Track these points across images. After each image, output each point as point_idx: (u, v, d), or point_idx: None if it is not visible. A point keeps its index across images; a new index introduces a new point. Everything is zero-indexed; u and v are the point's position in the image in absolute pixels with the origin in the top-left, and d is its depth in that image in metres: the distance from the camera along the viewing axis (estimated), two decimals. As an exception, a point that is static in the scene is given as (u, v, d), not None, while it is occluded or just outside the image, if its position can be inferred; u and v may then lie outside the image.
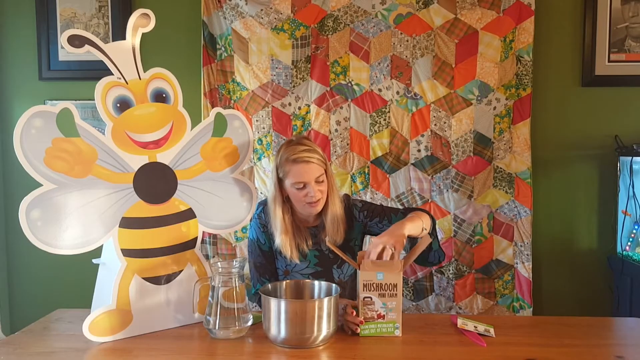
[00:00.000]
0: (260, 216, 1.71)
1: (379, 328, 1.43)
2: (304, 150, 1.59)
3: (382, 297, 1.43)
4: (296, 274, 1.70)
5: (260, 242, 1.71)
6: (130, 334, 1.43)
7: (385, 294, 1.42)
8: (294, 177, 1.58)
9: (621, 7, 2.54)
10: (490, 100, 2.53)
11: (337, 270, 1.73)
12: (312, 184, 1.58)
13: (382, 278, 1.42)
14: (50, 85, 2.69)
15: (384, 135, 2.57)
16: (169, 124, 1.52)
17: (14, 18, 2.70)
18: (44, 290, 2.74)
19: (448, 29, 2.52)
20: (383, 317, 1.43)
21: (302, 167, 1.57)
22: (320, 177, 1.60)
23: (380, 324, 1.43)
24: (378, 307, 1.43)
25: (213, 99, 2.59)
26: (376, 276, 1.42)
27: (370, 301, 1.43)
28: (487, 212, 2.57)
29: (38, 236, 1.32)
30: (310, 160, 1.58)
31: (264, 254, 1.71)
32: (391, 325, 1.43)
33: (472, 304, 2.58)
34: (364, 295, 1.43)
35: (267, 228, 1.69)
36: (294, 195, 1.62)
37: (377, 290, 1.43)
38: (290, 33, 2.55)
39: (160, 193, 1.51)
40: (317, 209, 1.63)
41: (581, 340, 1.40)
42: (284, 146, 1.64)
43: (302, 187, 1.59)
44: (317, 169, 1.59)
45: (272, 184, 1.66)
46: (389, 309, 1.43)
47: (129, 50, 1.45)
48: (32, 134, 1.31)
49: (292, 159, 1.58)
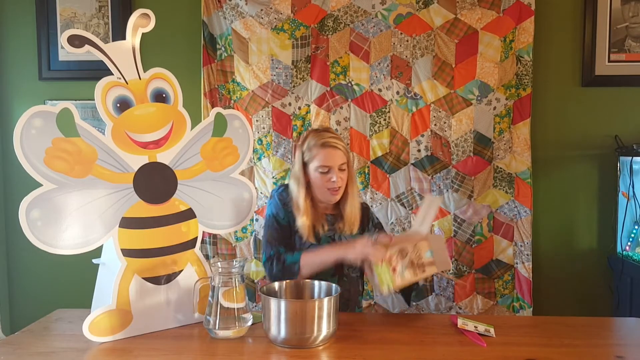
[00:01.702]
0: (281, 195, 1.78)
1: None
2: (331, 137, 1.70)
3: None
4: None
5: (279, 216, 1.76)
6: (130, 334, 1.43)
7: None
8: (320, 161, 1.67)
9: (621, 7, 2.54)
10: (490, 100, 2.53)
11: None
12: (336, 170, 1.67)
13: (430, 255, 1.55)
14: (50, 85, 2.69)
15: (384, 135, 2.57)
16: (169, 124, 1.52)
17: (14, 18, 2.70)
18: (44, 290, 2.74)
19: (448, 29, 2.52)
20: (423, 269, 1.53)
21: (329, 151, 1.67)
22: (343, 165, 1.70)
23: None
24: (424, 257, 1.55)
25: (213, 99, 2.58)
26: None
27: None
28: (487, 212, 2.57)
29: (38, 236, 1.32)
30: (337, 146, 1.69)
31: (281, 227, 1.75)
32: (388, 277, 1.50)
33: (472, 304, 2.58)
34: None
35: (287, 206, 1.75)
36: (316, 180, 1.70)
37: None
38: (290, 33, 2.55)
39: (160, 193, 1.51)
40: (336, 197, 1.72)
41: (581, 340, 1.40)
42: (311, 133, 1.75)
43: (326, 172, 1.68)
44: (342, 156, 1.70)
45: (297, 169, 1.73)
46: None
47: (129, 50, 1.45)
48: (32, 134, 1.31)
49: (320, 143, 1.68)
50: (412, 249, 1.54)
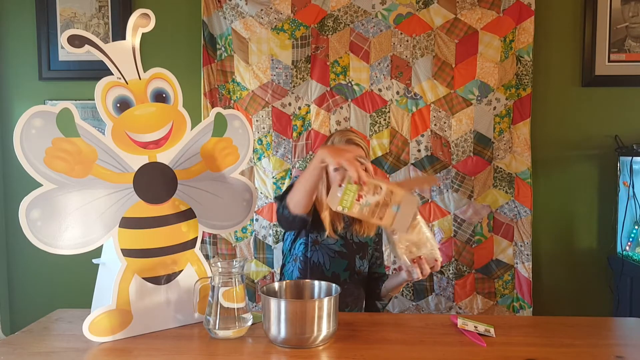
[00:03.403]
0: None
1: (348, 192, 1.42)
2: (355, 136, 1.74)
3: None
4: (324, 246, 1.76)
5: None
6: (130, 334, 1.43)
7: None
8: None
9: (621, 7, 2.54)
10: (490, 100, 2.53)
11: (359, 261, 1.80)
12: None
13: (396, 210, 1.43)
14: (50, 85, 2.69)
15: (384, 135, 2.57)
16: (169, 124, 1.52)
17: (14, 18, 2.70)
18: (44, 290, 2.74)
19: (448, 29, 2.52)
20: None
21: (351, 148, 1.69)
22: (363, 165, 1.67)
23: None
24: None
25: (213, 99, 2.59)
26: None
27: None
28: (487, 212, 2.57)
29: (38, 236, 1.32)
30: (359, 144, 1.72)
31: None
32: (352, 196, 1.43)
33: (472, 304, 2.58)
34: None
35: None
36: (334, 178, 1.67)
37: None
38: (290, 33, 2.55)
39: (160, 193, 1.51)
40: None
41: (581, 340, 1.40)
42: (337, 133, 1.79)
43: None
44: (362, 153, 1.71)
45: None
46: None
47: (129, 50, 1.45)
48: (32, 134, 1.31)
49: (345, 140, 1.72)
50: (385, 191, 1.44)
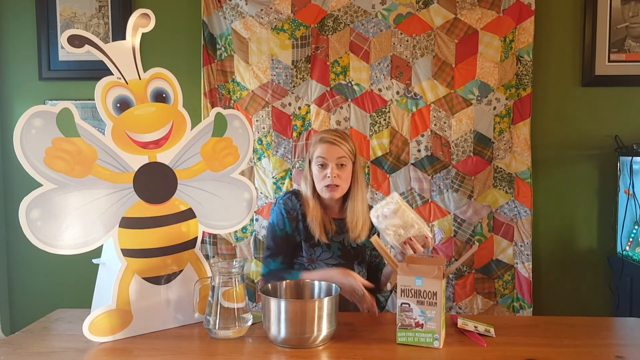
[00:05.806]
0: (286, 202, 1.78)
1: (417, 337, 1.33)
2: (334, 134, 1.74)
3: (421, 305, 1.32)
4: (321, 262, 1.76)
5: (278, 226, 1.76)
6: (130, 334, 1.43)
7: (424, 302, 1.32)
8: (317, 153, 1.71)
9: (621, 7, 2.54)
10: (490, 100, 2.53)
11: (358, 267, 1.79)
12: (332, 165, 1.69)
13: (420, 284, 1.32)
14: (50, 85, 2.69)
15: (384, 135, 2.57)
16: (169, 124, 1.52)
17: (14, 18, 2.70)
18: (44, 290, 2.74)
19: (448, 29, 2.52)
20: (421, 326, 1.32)
21: (327, 146, 1.71)
22: (342, 160, 1.71)
23: (418, 332, 1.32)
24: (416, 315, 1.32)
25: (213, 99, 2.59)
26: (414, 282, 1.32)
27: (408, 308, 1.33)
28: (487, 212, 2.57)
29: (38, 236, 1.32)
30: (335, 143, 1.71)
31: (280, 238, 1.76)
32: (430, 335, 1.32)
33: (472, 304, 2.58)
34: (402, 301, 1.34)
35: (290, 214, 1.75)
36: (315, 176, 1.73)
37: (415, 297, 1.32)
38: (290, 33, 2.55)
39: (160, 193, 1.51)
40: (334, 194, 1.71)
41: (581, 340, 1.40)
42: (319, 132, 1.83)
43: (323, 166, 1.70)
44: (341, 152, 1.71)
45: (305, 166, 1.78)
46: (428, 318, 1.31)
47: (129, 50, 1.45)
48: (32, 134, 1.31)
49: (319, 138, 1.75)
50: (414, 232, 1.51)
